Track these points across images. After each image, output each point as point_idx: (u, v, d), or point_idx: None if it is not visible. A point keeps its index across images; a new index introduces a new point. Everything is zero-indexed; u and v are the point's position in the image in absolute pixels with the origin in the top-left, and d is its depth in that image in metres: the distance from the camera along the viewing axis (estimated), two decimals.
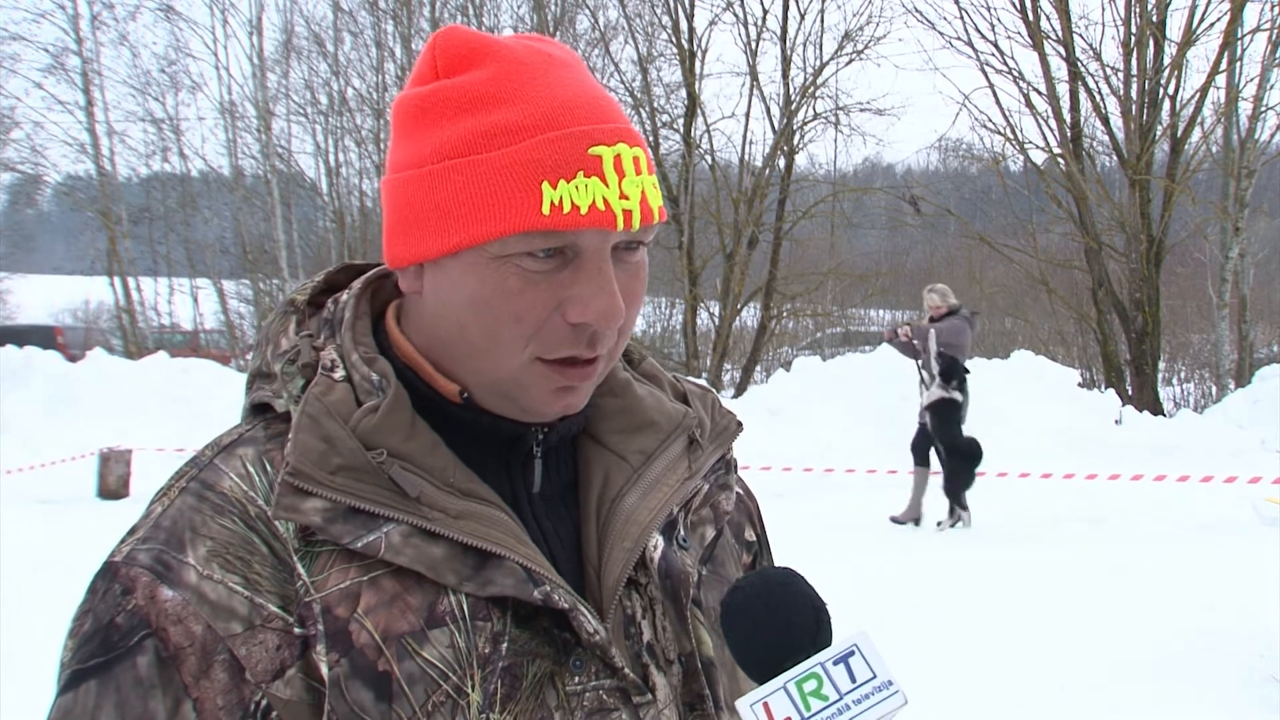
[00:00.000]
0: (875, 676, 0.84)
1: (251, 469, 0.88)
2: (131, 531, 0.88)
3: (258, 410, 0.94)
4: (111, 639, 0.82)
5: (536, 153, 0.83)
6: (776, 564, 0.97)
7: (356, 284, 0.98)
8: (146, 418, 13.55)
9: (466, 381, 0.92)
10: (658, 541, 0.95)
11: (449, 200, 0.85)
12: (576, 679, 0.88)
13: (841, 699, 0.84)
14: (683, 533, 0.97)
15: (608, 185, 0.84)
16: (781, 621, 0.89)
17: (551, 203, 0.82)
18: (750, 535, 1.11)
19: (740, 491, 1.11)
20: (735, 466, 1.08)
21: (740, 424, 1.07)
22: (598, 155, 0.84)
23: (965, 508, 8.86)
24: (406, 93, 0.90)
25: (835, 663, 0.85)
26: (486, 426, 0.92)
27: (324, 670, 0.83)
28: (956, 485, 8.82)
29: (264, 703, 0.82)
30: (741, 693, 0.96)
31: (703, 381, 1.23)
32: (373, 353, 0.92)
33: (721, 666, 0.96)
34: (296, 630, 0.83)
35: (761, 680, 0.86)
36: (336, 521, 0.84)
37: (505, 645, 0.86)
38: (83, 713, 0.81)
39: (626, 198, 0.85)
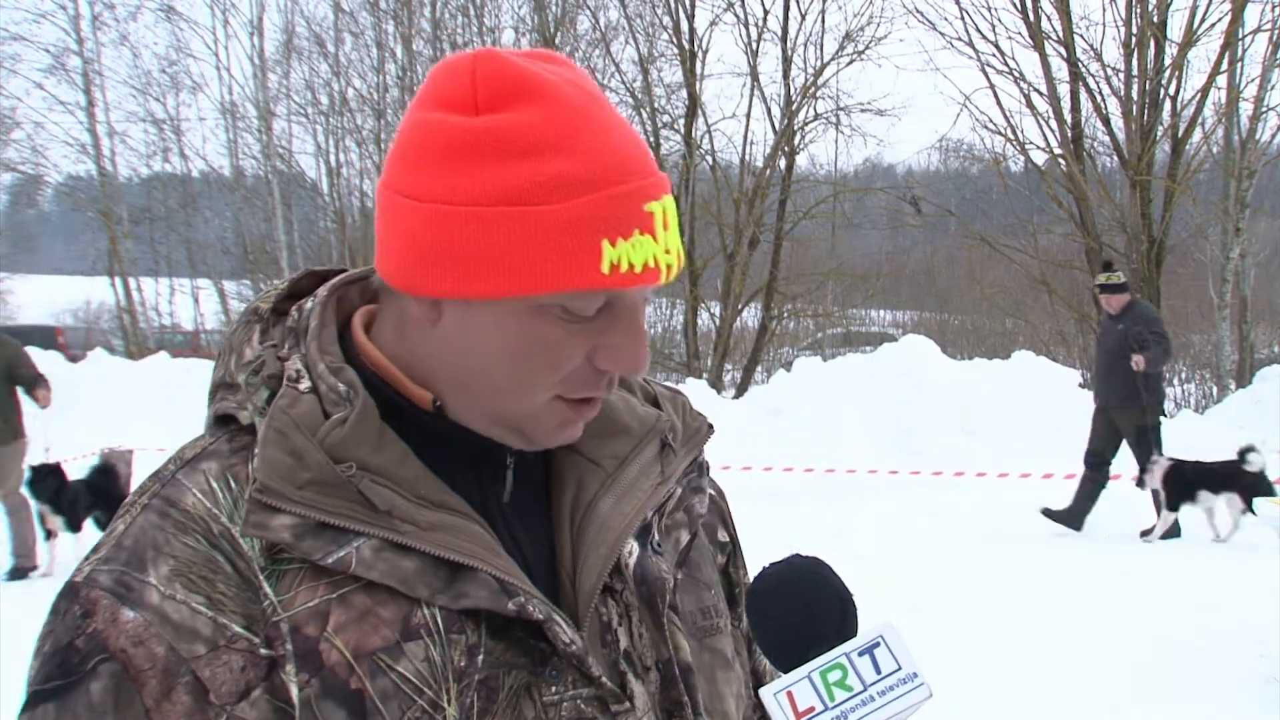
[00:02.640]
0: (900, 668, 0.85)
1: (215, 485, 0.86)
2: (95, 550, 0.86)
3: (221, 422, 0.92)
4: (71, 662, 0.81)
5: (599, 209, 0.82)
6: (801, 554, 0.97)
7: (322, 291, 0.96)
8: (147, 418, 13.55)
9: (462, 404, 0.90)
10: (633, 547, 0.93)
11: (503, 248, 0.82)
12: (553, 689, 0.86)
13: (866, 690, 0.84)
14: (657, 537, 0.96)
15: (657, 242, 0.84)
16: (808, 610, 0.89)
17: (611, 262, 0.82)
18: (723, 536, 1.10)
19: (712, 493, 1.10)
20: (707, 469, 1.07)
21: (711, 426, 1.07)
22: (651, 212, 0.84)
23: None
24: (441, 117, 0.85)
25: (860, 654, 0.85)
26: (458, 436, 0.91)
27: (294, 691, 0.81)
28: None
29: None
30: (722, 697, 0.96)
31: (672, 383, 1.21)
32: (339, 362, 0.90)
33: (700, 672, 0.95)
34: (263, 651, 0.82)
35: (786, 669, 0.86)
36: (306, 538, 0.82)
37: (481, 657, 0.84)
38: None
39: (669, 252, 0.85)
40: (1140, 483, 8.49)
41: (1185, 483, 8.24)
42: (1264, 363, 17.98)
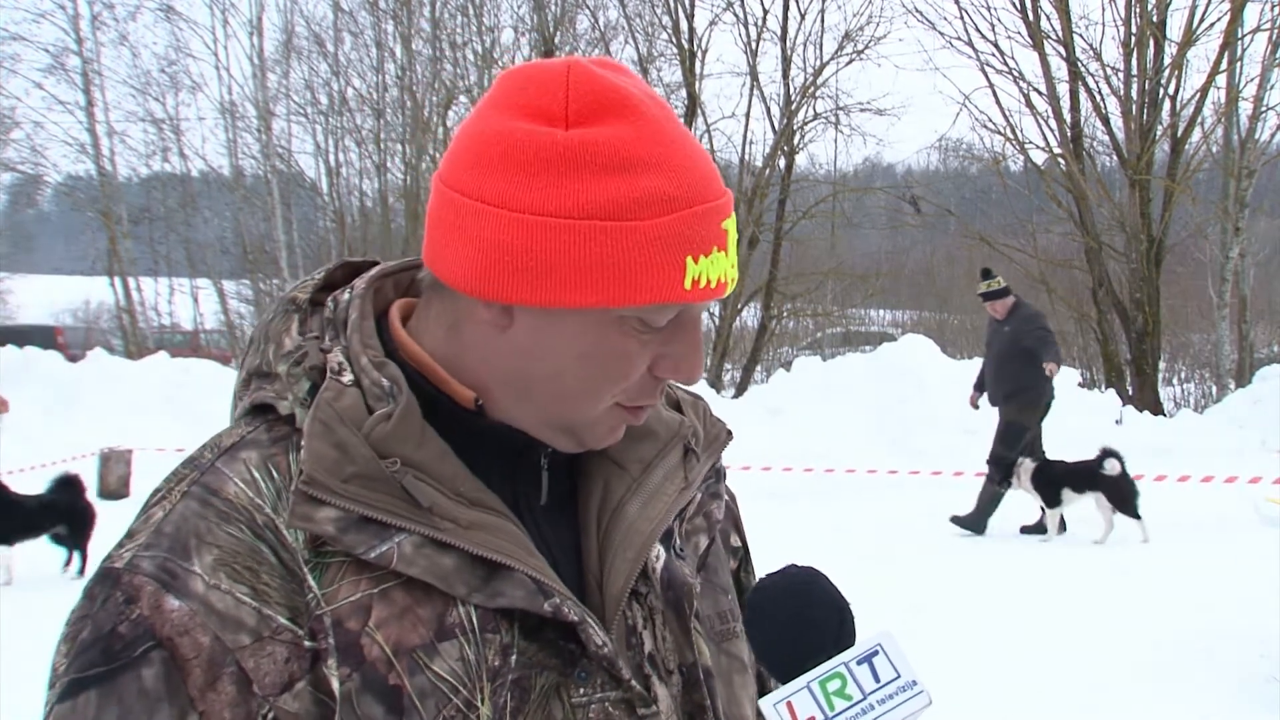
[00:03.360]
0: (899, 676, 0.85)
1: (257, 474, 0.87)
2: (130, 536, 0.86)
3: (257, 411, 0.92)
4: (113, 648, 0.80)
5: (686, 227, 0.84)
6: (797, 564, 0.97)
7: (360, 283, 0.96)
8: (146, 418, 13.55)
9: (514, 406, 0.90)
10: (659, 552, 0.94)
11: (596, 260, 0.83)
12: (582, 690, 0.87)
13: (865, 699, 0.84)
14: (679, 542, 0.97)
15: (728, 257, 0.87)
16: (805, 621, 0.89)
17: (694, 278, 0.84)
18: (736, 541, 1.12)
19: (728, 497, 1.11)
20: (724, 474, 1.08)
21: (730, 433, 1.07)
22: (725, 230, 0.87)
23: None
24: (530, 127, 0.85)
25: (859, 662, 0.85)
26: (498, 435, 0.92)
27: (335, 684, 0.81)
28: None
29: (272, 716, 0.81)
30: (739, 702, 0.96)
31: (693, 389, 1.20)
32: (382, 356, 0.90)
33: (719, 676, 0.95)
34: (306, 643, 0.82)
35: (785, 679, 0.86)
36: (350, 531, 0.83)
37: (514, 657, 0.85)
38: None
39: (734, 266, 0.89)
40: (1002, 480, 8.69)
41: (1051, 481, 8.44)
42: (1263, 362, 18.00)
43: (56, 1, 23.15)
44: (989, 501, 8.79)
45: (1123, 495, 8.29)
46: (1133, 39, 17.34)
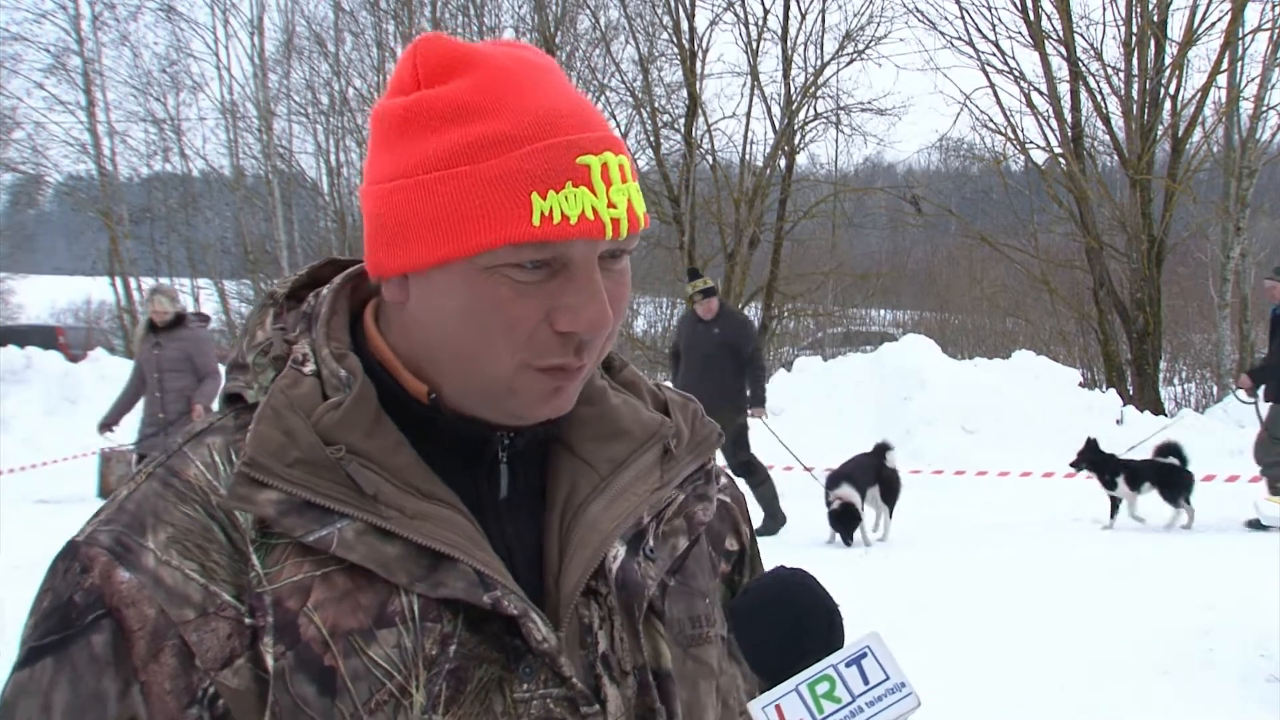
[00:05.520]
0: (888, 678, 0.85)
1: (218, 458, 0.89)
2: (98, 513, 0.89)
3: (230, 401, 0.95)
4: (69, 616, 0.83)
5: (525, 163, 0.83)
6: (786, 565, 0.96)
7: (337, 279, 0.98)
8: None
9: (447, 386, 0.91)
10: (618, 551, 0.93)
11: (437, 211, 0.84)
12: (525, 686, 0.87)
13: (854, 701, 0.84)
14: (651, 543, 0.95)
15: (596, 194, 0.84)
16: (793, 623, 0.89)
17: (542, 213, 0.82)
18: (732, 545, 1.10)
19: (728, 499, 1.10)
20: (717, 476, 1.06)
21: (722, 435, 1.07)
22: (585, 164, 0.84)
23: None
24: (387, 102, 0.88)
25: (848, 664, 0.85)
26: (452, 429, 0.92)
27: (269, 661, 0.83)
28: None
29: (212, 690, 0.82)
30: (703, 708, 0.95)
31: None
32: (344, 349, 0.92)
33: (682, 681, 0.95)
34: (247, 620, 0.83)
35: (774, 682, 0.86)
36: (290, 514, 0.84)
37: (453, 648, 0.85)
38: (37, 688, 0.82)
39: (614, 206, 0.84)
40: (764, 480, 8.88)
41: (833, 478, 8.58)
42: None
43: (58, 2, 23.19)
44: (771, 498, 8.82)
45: (894, 489, 8.54)
46: (1133, 39, 17.33)
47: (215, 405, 0.98)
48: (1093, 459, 8.94)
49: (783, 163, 20.79)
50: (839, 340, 25.65)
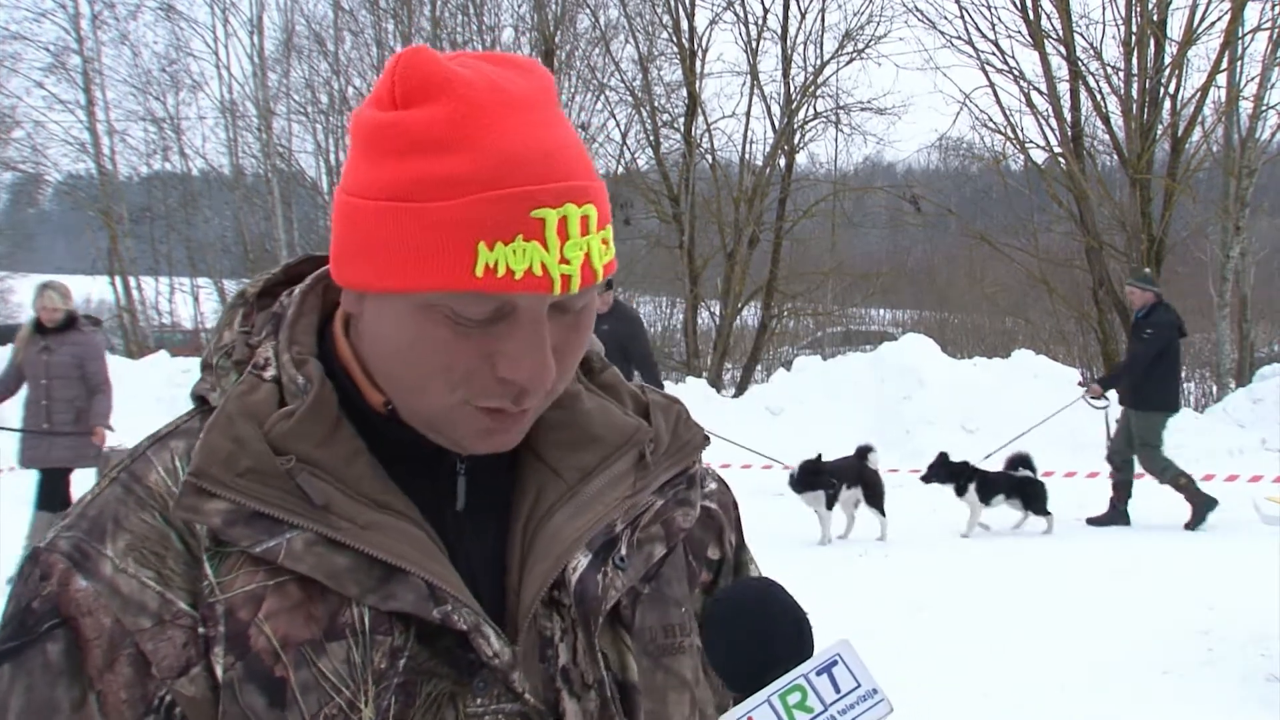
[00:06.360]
0: (860, 685, 0.84)
1: (179, 463, 0.88)
2: (63, 518, 0.88)
3: (197, 402, 0.94)
4: (27, 623, 0.83)
5: (476, 211, 0.79)
6: (760, 573, 0.95)
7: (309, 279, 0.96)
8: (147, 417, 13.54)
9: (396, 403, 0.89)
10: (579, 562, 0.91)
11: (386, 242, 0.81)
12: (479, 700, 0.85)
13: (827, 710, 0.83)
14: (624, 551, 0.93)
15: (547, 250, 0.80)
16: (762, 633, 0.87)
17: (486, 265, 0.79)
18: (714, 553, 1.06)
19: (714, 505, 1.07)
20: (700, 481, 1.03)
21: (707, 439, 1.03)
22: (540, 218, 0.80)
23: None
24: (366, 111, 0.86)
25: (819, 673, 0.84)
26: (413, 440, 0.90)
27: (219, 672, 0.82)
28: None
29: (168, 699, 0.82)
30: (667, 717, 0.94)
31: (675, 393, 1.14)
32: (306, 354, 0.91)
33: (649, 693, 0.93)
34: (200, 629, 0.83)
35: (745, 693, 0.85)
36: (238, 524, 0.83)
37: (403, 661, 0.84)
38: None
39: (567, 262, 0.81)
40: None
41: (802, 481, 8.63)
42: (1264, 361, 17.97)
43: (57, 1, 23.17)
44: None
45: (877, 492, 8.64)
46: (1133, 38, 17.31)
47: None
48: (945, 472, 8.95)
49: (782, 162, 20.77)
50: (839, 340, 25.64)
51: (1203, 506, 8.85)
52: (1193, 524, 8.85)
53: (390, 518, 0.86)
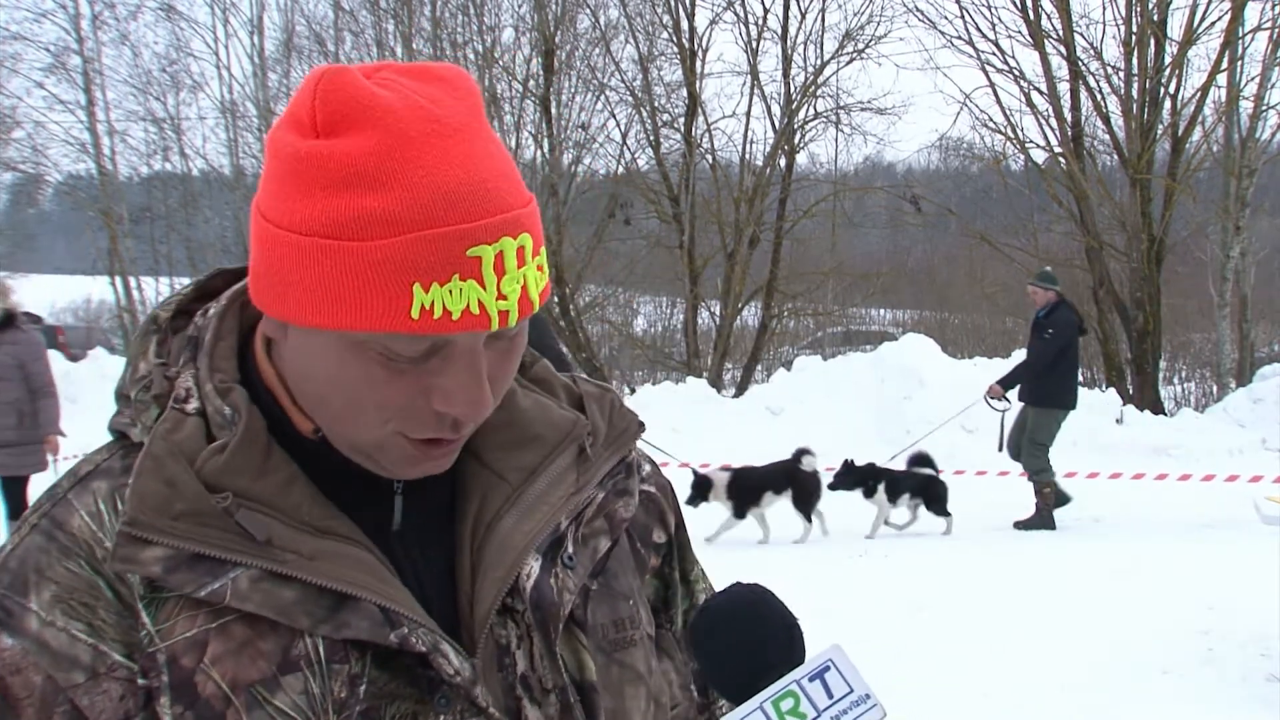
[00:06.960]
0: (852, 690, 0.83)
1: (103, 506, 0.84)
2: None
3: (119, 436, 0.89)
4: None
5: (411, 251, 0.76)
6: (745, 580, 0.94)
7: (224, 297, 0.92)
8: None
9: (324, 429, 0.87)
10: (532, 568, 0.89)
11: (315, 281, 0.78)
12: (442, 717, 0.84)
13: (820, 716, 0.82)
14: (570, 549, 0.92)
15: (485, 288, 0.78)
16: (753, 641, 0.87)
17: (422, 306, 0.77)
18: (659, 537, 1.05)
19: (652, 489, 1.06)
20: (638, 468, 1.02)
21: (642, 424, 1.02)
22: (477, 256, 0.77)
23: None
24: (286, 135, 0.81)
25: (811, 679, 0.84)
26: (343, 462, 0.88)
27: None
28: None
29: None
30: (625, 712, 0.93)
31: (600, 381, 1.13)
32: (229, 381, 0.87)
33: (607, 689, 0.92)
34: (140, 680, 0.80)
35: (737, 701, 0.85)
36: (179, 570, 0.80)
37: (363, 688, 0.82)
38: None
39: (504, 298, 0.79)
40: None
41: (746, 488, 8.72)
42: (1264, 361, 17.98)
43: (58, 1, 23.16)
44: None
45: (811, 494, 8.71)
46: (1133, 38, 17.31)
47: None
48: (850, 478, 8.98)
49: (782, 162, 20.77)
50: (839, 339, 25.64)
51: (1044, 519, 8.95)
52: (1025, 525, 8.95)
53: (335, 543, 0.84)
